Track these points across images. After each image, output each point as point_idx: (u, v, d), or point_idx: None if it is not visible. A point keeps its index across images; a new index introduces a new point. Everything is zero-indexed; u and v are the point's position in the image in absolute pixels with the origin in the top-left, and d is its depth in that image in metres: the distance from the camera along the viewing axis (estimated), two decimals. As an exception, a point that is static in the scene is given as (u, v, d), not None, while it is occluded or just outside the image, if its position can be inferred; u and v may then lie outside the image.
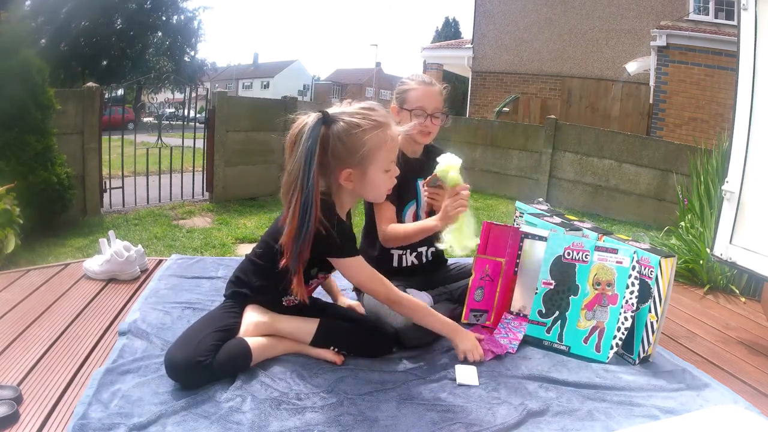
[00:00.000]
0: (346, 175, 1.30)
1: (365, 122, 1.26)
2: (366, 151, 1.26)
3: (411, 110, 1.70)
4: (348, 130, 1.26)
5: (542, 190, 6.70)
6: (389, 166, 1.33)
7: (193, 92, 7.38)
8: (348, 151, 1.26)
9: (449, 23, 25.58)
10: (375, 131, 1.27)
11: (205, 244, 4.06)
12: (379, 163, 1.30)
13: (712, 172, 3.41)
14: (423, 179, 1.80)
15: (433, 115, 1.71)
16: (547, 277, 1.59)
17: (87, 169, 4.68)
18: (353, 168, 1.29)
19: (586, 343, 1.54)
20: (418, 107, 1.70)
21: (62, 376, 1.30)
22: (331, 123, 1.26)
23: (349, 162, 1.28)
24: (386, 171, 1.33)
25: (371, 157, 1.28)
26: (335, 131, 1.26)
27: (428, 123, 1.72)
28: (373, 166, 1.30)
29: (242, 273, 1.49)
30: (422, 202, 1.79)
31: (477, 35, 10.94)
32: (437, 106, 1.73)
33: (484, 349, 1.47)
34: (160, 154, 5.64)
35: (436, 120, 1.73)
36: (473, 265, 1.67)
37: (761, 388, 1.48)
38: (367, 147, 1.26)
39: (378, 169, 1.31)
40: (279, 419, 1.15)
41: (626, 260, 1.51)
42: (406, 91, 1.74)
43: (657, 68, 8.06)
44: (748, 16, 1.88)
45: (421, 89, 1.73)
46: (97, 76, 16.92)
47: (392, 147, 1.32)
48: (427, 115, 1.70)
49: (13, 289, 1.86)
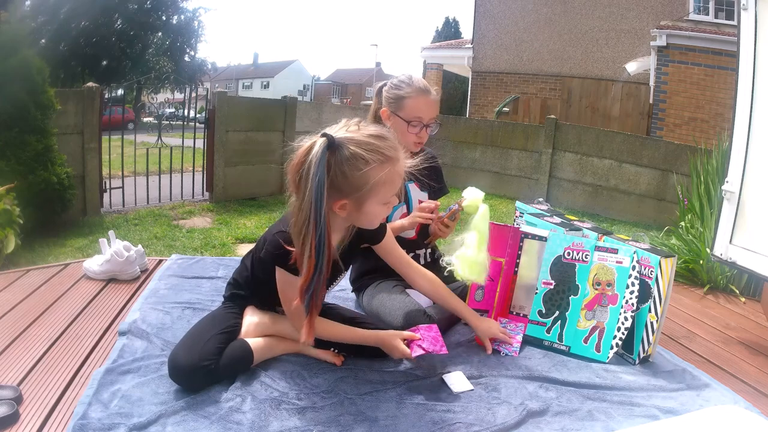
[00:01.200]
0: (341, 205, 1.19)
1: (372, 156, 1.14)
2: (368, 188, 1.16)
3: (408, 121, 1.66)
4: (353, 162, 1.13)
5: (542, 190, 6.70)
6: (389, 199, 1.24)
7: (193, 92, 7.38)
8: (349, 185, 1.16)
9: (449, 23, 25.56)
10: (381, 167, 1.15)
11: (205, 244, 4.06)
12: (379, 197, 1.20)
13: (712, 172, 3.41)
14: (412, 182, 1.79)
15: (428, 124, 1.69)
16: (547, 277, 1.59)
17: (87, 169, 4.68)
18: (349, 200, 1.19)
19: (586, 343, 1.54)
20: (415, 118, 1.66)
21: (62, 376, 1.29)
22: (336, 149, 1.13)
23: (348, 196, 1.18)
24: (385, 204, 1.24)
25: (372, 192, 1.18)
26: (338, 159, 1.13)
27: (423, 133, 1.69)
28: (372, 200, 1.20)
29: (239, 275, 1.50)
30: (412, 203, 1.78)
31: (477, 35, 10.94)
32: (433, 115, 1.70)
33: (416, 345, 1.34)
34: (160, 154, 5.64)
35: (429, 129, 1.71)
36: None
37: (761, 388, 1.48)
38: (371, 184, 1.15)
39: (376, 202, 1.21)
40: (279, 419, 1.15)
41: (626, 260, 1.51)
42: (403, 99, 1.68)
43: (657, 68, 8.07)
44: (748, 16, 1.88)
45: (420, 99, 1.67)
46: (97, 76, 16.91)
47: (397, 183, 1.22)
48: (423, 125, 1.68)
49: (13, 289, 1.86)
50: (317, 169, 1.08)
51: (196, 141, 5.89)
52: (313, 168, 1.08)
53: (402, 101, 1.68)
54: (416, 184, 1.81)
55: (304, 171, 1.11)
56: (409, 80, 1.71)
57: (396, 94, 1.69)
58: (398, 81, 1.72)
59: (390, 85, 1.73)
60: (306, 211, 1.10)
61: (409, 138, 1.69)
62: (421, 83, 1.71)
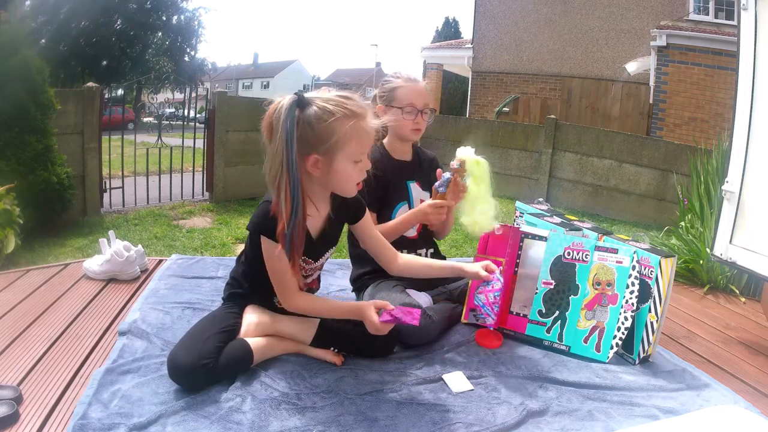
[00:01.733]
0: (313, 161, 1.25)
1: (339, 110, 1.22)
2: (335, 140, 1.22)
3: (401, 107, 1.70)
4: (320, 116, 1.21)
5: (542, 190, 6.70)
6: (359, 157, 1.27)
7: (193, 92, 7.38)
8: (317, 138, 1.22)
9: (449, 23, 25.56)
10: (347, 120, 1.22)
11: (205, 244, 4.06)
12: (347, 153, 1.25)
13: (712, 172, 3.41)
14: (414, 181, 1.80)
15: (423, 111, 1.71)
16: (547, 276, 1.59)
17: (87, 169, 4.68)
18: (320, 155, 1.24)
19: (586, 343, 1.54)
20: (408, 104, 1.70)
21: (62, 376, 1.30)
22: (305, 106, 1.22)
23: (317, 149, 1.23)
24: (356, 162, 1.27)
25: (340, 146, 1.23)
26: (306, 114, 1.22)
27: (419, 119, 1.72)
28: (341, 155, 1.24)
29: (236, 273, 1.51)
30: (414, 202, 1.78)
31: (477, 35, 10.94)
32: (426, 102, 1.73)
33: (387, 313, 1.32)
34: (160, 154, 5.64)
35: (425, 116, 1.73)
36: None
37: (761, 388, 1.48)
38: (337, 136, 1.22)
39: (346, 159, 1.25)
40: (279, 419, 1.15)
41: (626, 260, 1.51)
42: (394, 89, 1.72)
43: (657, 68, 8.07)
44: (748, 16, 1.88)
45: (409, 86, 1.72)
46: (97, 76, 16.90)
47: (365, 139, 1.27)
48: (417, 111, 1.70)
49: (13, 289, 1.86)
50: (286, 115, 1.18)
51: (196, 141, 5.89)
52: (283, 115, 1.18)
53: (393, 92, 1.73)
54: (417, 183, 1.81)
55: (275, 119, 1.20)
56: (397, 73, 1.77)
57: (386, 88, 1.75)
58: (387, 77, 1.80)
59: (382, 83, 1.80)
60: (279, 154, 1.18)
61: (406, 125, 1.71)
62: (409, 74, 1.77)
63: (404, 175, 1.79)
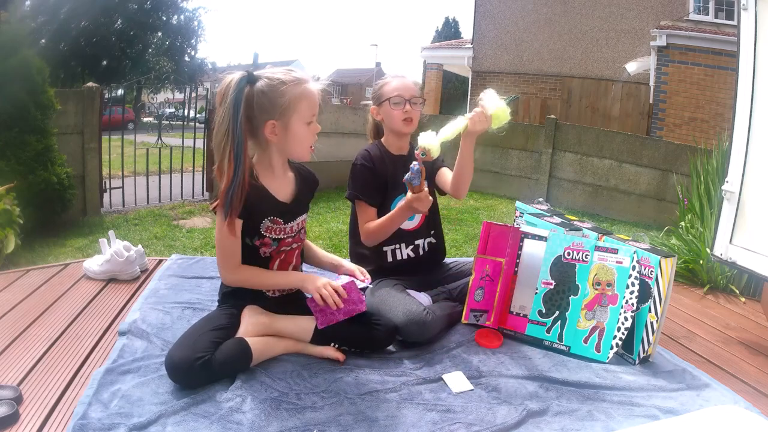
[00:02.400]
0: (271, 127, 1.36)
1: (287, 77, 1.35)
2: (287, 102, 1.34)
3: (390, 98, 1.73)
4: (270, 83, 1.34)
5: (542, 190, 6.70)
6: (310, 118, 1.39)
7: (193, 92, 7.37)
8: (271, 103, 1.34)
9: (449, 23, 25.58)
10: (296, 85, 1.35)
11: (205, 244, 4.05)
12: (300, 114, 1.36)
13: (712, 172, 3.41)
14: None
15: (412, 101, 1.73)
16: (547, 277, 1.59)
17: (87, 169, 4.67)
18: (276, 120, 1.35)
19: (586, 343, 1.54)
20: (396, 95, 1.73)
21: (62, 376, 1.30)
22: (255, 81, 1.34)
23: (272, 113, 1.35)
24: (308, 124, 1.39)
25: (292, 108, 1.35)
26: (258, 87, 1.34)
27: (408, 108, 1.73)
28: (294, 117, 1.36)
29: None
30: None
31: (477, 35, 10.94)
32: (414, 93, 1.75)
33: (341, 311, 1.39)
34: (160, 154, 5.64)
35: (415, 106, 1.74)
36: (473, 265, 1.67)
37: (761, 388, 1.48)
38: (288, 98, 1.34)
39: (299, 120, 1.37)
40: (279, 419, 1.15)
41: (626, 260, 1.51)
42: (381, 87, 1.78)
43: (657, 68, 8.06)
44: (748, 16, 1.88)
45: (394, 80, 1.77)
46: (97, 76, 16.89)
47: (313, 101, 1.39)
48: (405, 100, 1.72)
49: (13, 289, 1.86)
50: (234, 87, 1.30)
51: (196, 141, 5.89)
52: (232, 87, 1.30)
53: (381, 89, 1.78)
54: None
55: (225, 93, 1.31)
56: (385, 76, 1.85)
57: (375, 89, 1.82)
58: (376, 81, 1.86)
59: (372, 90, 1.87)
60: (225, 121, 1.29)
61: (396, 115, 1.73)
62: (397, 73, 1.84)
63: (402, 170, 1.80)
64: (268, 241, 1.43)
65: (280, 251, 1.46)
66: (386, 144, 1.82)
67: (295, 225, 1.48)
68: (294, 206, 1.48)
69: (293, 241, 1.49)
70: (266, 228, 1.42)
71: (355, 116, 6.84)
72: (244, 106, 1.31)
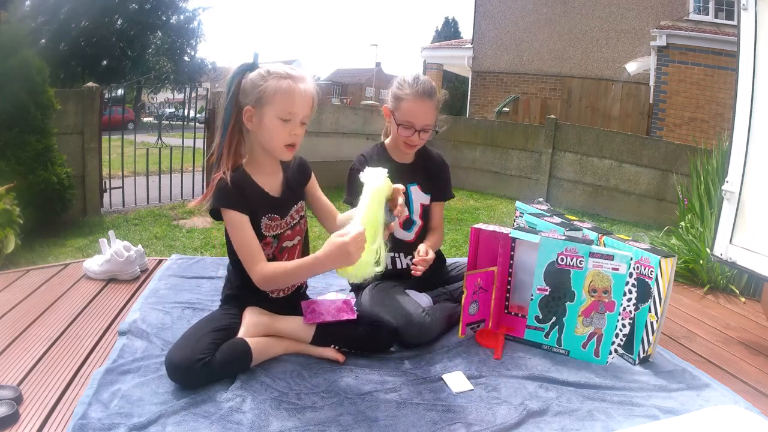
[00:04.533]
0: (248, 114, 1.35)
1: (278, 71, 1.34)
2: (263, 90, 1.32)
3: (399, 124, 1.67)
4: (261, 74, 1.34)
5: (542, 190, 6.70)
6: (287, 116, 1.34)
7: (193, 92, 7.37)
8: (252, 89, 1.34)
9: (449, 23, 25.58)
10: (281, 78, 1.33)
11: (205, 244, 4.05)
12: (275, 108, 1.33)
13: (712, 172, 3.41)
14: (415, 184, 1.77)
15: (421, 131, 1.67)
16: (542, 283, 1.56)
17: (87, 169, 4.67)
18: (253, 107, 1.34)
19: (584, 349, 1.53)
20: (406, 121, 1.66)
21: (62, 376, 1.30)
22: (253, 69, 1.36)
23: (250, 99, 1.34)
24: (284, 120, 1.34)
25: (267, 98, 1.32)
26: (253, 75, 1.35)
27: (414, 137, 1.67)
28: (268, 108, 1.33)
29: (228, 274, 1.52)
30: (414, 206, 1.76)
31: (477, 35, 10.94)
32: (428, 122, 1.67)
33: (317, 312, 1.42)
34: (160, 154, 5.64)
35: (423, 135, 1.68)
36: (464, 283, 1.58)
37: (761, 388, 1.48)
38: (266, 87, 1.32)
39: (273, 114, 1.33)
40: (279, 419, 1.15)
41: (623, 267, 1.47)
42: (401, 100, 1.67)
43: (657, 68, 8.06)
44: (748, 16, 1.88)
45: (414, 104, 1.65)
46: (97, 76, 16.89)
47: (296, 100, 1.34)
48: (414, 130, 1.66)
49: (13, 289, 1.86)
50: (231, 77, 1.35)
51: (196, 141, 5.89)
52: (231, 72, 1.36)
53: (399, 102, 1.68)
54: (419, 186, 1.79)
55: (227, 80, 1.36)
56: (413, 82, 1.68)
57: (395, 94, 1.69)
58: (402, 80, 1.71)
59: (395, 83, 1.72)
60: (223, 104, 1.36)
61: (402, 137, 1.69)
62: (422, 87, 1.67)
63: (403, 178, 1.69)
64: (269, 240, 1.43)
65: (282, 248, 1.46)
66: (389, 148, 1.78)
67: (289, 217, 1.47)
68: (285, 197, 1.46)
69: (294, 234, 1.48)
70: (266, 226, 1.42)
71: (355, 116, 6.84)
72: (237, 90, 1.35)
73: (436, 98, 1.69)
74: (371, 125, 6.93)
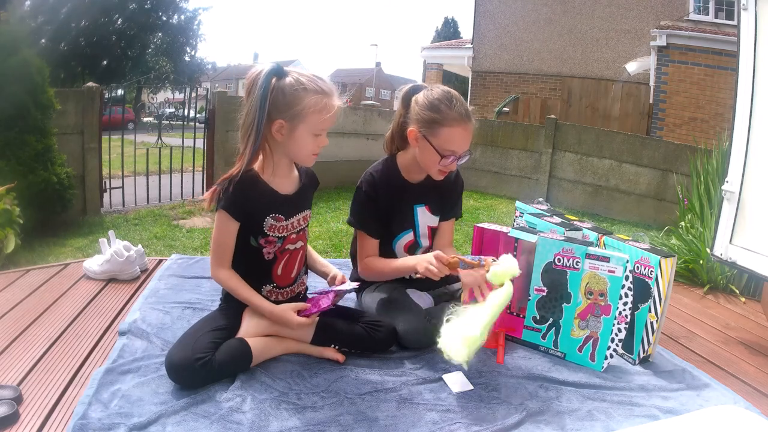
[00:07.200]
0: (278, 126, 1.36)
1: (311, 84, 1.35)
2: (301, 109, 1.34)
3: (441, 154, 1.48)
4: (293, 85, 1.34)
5: (542, 190, 6.70)
6: (319, 132, 1.38)
7: (193, 92, 7.37)
8: (285, 104, 1.34)
9: (449, 23, 25.60)
10: (316, 95, 1.34)
11: (205, 244, 4.05)
12: (310, 124, 1.36)
13: (712, 172, 3.41)
14: (422, 205, 1.67)
15: (461, 157, 1.52)
16: (539, 283, 1.56)
17: (87, 169, 4.67)
18: (285, 121, 1.35)
19: (580, 352, 1.52)
20: (449, 151, 1.48)
21: (62, 376, 1.30)
22: (282, 76, 1.35)
23: (284, 114, 1.35)
24: (315, 135, 1.38)
25: (304, 115, 1.34)
26: (282, 83, 1.34)
27: (452, 165, 1.52)
28: (303, 125, 1.35)
29: None
30: (420, 229, 1.69)
31: (477, 35, 10.94)
32: (467, 146, 1.52)
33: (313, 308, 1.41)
34: (160, 154, 5.64)
35: (460, 160, 1.53)
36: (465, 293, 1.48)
37: (761, 388, 1.48)
38: (303, 105, 1.33)
39: (307, 129, 1.36)
40: (279, 419, 1.15)
41: (619, 269, 1.45)
42: (439, 125, 1.47)
43: (657, 68, 8.06)
44: (748, 16, 1.88)
45: (458, 129, 1.47)
46: (97, 76, 16.89)
47: (325, 116, 1.36)
48: (455, 158, 1.50)
49: (13, 289, 1.86)
50: (263, 80, 1.32)
51: (196, 141, 5.89)
52: (259, 81, 1.32)
53: (437, 128, 1.47)
54: (427, 208, 1.68)
55: (252, 83, 1.34)
56: (450, 102, 1.48)
57: (431, 117, 1.48)
58: (437, 99, 1.49)
59: (425, 101, 1.50)
60: (252, 113, 1.33)
61: (435, 167, 1.52)
62: (463, 108, 1.48)
63: (411, 198, 1.63)
64: (272, 239, 1.43)
65: (284, 250, 1.46)
66: (402, 166, 1.62)
67: (295, 221, 1.47)
68: (296, 198, 1.47)
69: (297, 238, 1.48)
70: (269, 227, 1.42)
71: (355, 116, 6.84)
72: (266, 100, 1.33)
73: (474, 119, 1.53)
74: (371, 125, 6.93)
